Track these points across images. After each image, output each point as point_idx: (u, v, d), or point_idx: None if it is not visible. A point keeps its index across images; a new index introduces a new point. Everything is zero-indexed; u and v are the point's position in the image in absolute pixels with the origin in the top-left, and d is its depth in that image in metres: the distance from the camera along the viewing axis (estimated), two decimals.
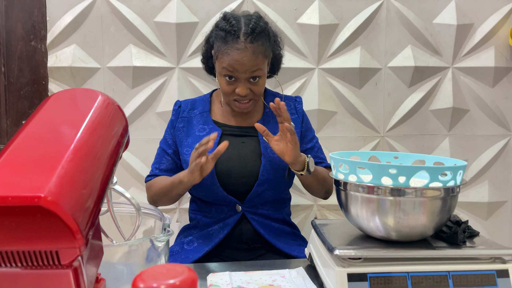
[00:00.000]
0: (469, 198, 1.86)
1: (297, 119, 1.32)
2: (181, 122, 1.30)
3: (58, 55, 1.68)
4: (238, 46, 1.14)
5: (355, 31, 1.74)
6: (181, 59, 1.72)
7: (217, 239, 1.20)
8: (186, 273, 0.38)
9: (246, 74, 1.16)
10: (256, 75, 1.17)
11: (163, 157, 1.31)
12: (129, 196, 0.74)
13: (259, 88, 1.20)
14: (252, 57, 1.14)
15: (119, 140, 0.64)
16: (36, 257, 0.48)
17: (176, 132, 1.30)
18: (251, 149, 1.24)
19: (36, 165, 0.50)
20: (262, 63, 1.18)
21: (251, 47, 1.14)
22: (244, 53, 1.13)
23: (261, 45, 1.16)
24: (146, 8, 1.68)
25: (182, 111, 1.31)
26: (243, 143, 1.25)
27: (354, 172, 0.84)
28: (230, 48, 1.14)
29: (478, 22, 1.78)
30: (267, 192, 1.22)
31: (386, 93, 1.79)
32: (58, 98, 0.64)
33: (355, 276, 0.79)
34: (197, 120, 1.29)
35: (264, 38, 1.18)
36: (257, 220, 1.22)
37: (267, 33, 1.20)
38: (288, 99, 1.35)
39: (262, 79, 1.20)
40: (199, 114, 1.30)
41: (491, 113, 1.83)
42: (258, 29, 1.16)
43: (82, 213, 0.49)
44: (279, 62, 1.34)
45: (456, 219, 0.89)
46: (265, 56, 1.19)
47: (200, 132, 1.27)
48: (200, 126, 1.28)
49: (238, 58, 1.13)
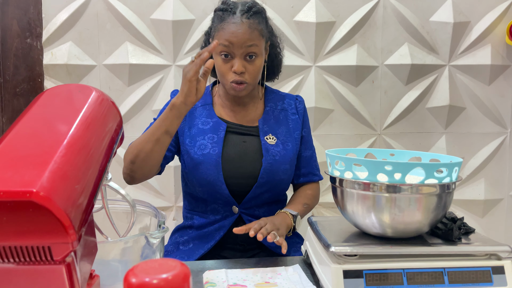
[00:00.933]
0: (465, 196, 1.86)
1: (297, 119, 1.29)
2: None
3: (54, 53, 1.67)
4: (234, 20, 1.14)
5: (352, 29, 1.74)
6: (178, 56, 1.72)
7: (213, 241, 1.19)
8: (178, 268, 0.38)
9: (242, 49, 1.13)
10: (251, 51, 1.14)
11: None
12: (124, 193, 0.73)
13: (254, 68, 1.16)
14: (247, 30, 1.13)
15: (113, 136, 0.63)
16: (28, 252, 0.48)
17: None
18: (252, 150, 1.21)
19: (28, 160, 0.50)
20: (258, 40, 1.15)
21: (247, 22, 1.14)
22: (239, 26, 1.13)
23: (258, 23, 1.16)
24: (142, 5, 1.68)
25: None
26: (244, 142, 1.22)
27: (350, 169, 0.84)
28: (226, 23, 1.14)
29: (475, 20, 1.79)
30: (265, 194, 1.21)
31: (382, 91, 1.79)
32: (51, 93, 0.63)
33: (350, 273, 0.79)
34: (200, 112, 1.25)
35: (261, 19, 1.18)
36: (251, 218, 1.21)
37: (264, 17, 1.20)
38: (288, 97, 1.33)
39: (259, 59, 1.17)
40: (201, 106, 1.26)
41: (487, 111, 1.83)
42: (254, 9, 1.16)
43: (75, 209, 0.49)
44: (279, 64, 1.32)
45: (452, 216, 0.89)
46: (261, 35, 1.17)
47: (203, 125, 1.23)
48: (204, 119, 1.24)
49: (234, 31, 1.12)
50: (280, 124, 1.27)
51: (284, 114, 1.29)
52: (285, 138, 1.25)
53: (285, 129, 1.26)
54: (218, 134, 1.21)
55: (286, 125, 1.27)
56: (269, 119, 1.26)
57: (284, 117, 1.28)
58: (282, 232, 1.06)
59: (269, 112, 1.28)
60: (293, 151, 1.25)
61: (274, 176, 1.19)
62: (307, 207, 1.25)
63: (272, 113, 1.28)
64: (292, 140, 1.25)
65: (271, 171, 1.18)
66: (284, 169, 1.21)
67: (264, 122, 1.25)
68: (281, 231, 1.06)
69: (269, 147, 1.21)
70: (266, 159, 1.19)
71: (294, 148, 1.25)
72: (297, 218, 1.16)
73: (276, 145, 1.22)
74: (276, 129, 1.25)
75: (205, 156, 1.17)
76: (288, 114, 1.29)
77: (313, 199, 1.29)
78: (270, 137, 1.23)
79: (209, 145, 1.19)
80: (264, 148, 1.20)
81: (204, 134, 1.21)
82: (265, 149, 1.20)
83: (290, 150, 1.24)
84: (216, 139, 1.20)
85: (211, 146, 1.19)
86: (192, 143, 1.21)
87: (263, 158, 1.19)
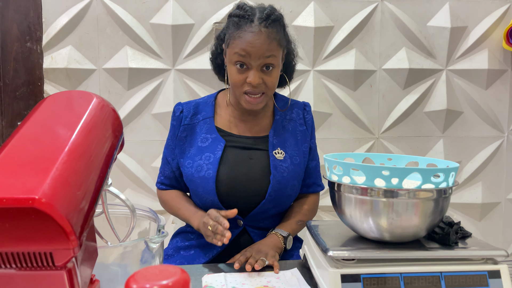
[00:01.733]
0: (463, 200, 1.87)
1: (305, 131, 1.24)
2: (183, 131, 1.20)
3: (54, 57, 1.68)
4: (252, 29, 1.06)
5: (350, 34, 1.75)
6: (177, 60, 1.73)
7: (215, 251, 1.16)
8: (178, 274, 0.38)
9: (260, 60, 1.07)
10: (269, 62, 1.08)
11: (166, 164, 1.26)
12: (124, 198, 0.74)
13: (272, 80, 1.10)
14: (266, 40, 1.06)
15: (113, 142, 0.64)
16: (30, 258, 0.48)
17: (179, 142, 1.21)
18: (260, 168, 1.15)
19: (30, 166, 0.51)
20: (277, 51, 1.09)
21: (266, 31, 1.06)
22: (258, 36, 1.06)
23: (276, 33, 1.09)
24: (142, 9, 1.69)
25: (184, 118, 1.21)
26: (250, 160, 1.16)
27: (348, 173, 0.85)
28: (243, 32, 1.07)
29: (472, 25, 1.80)
30: (272, 209, 1.18)
31: (380, 95, 1.80)
32: (53, 100, 0.64)
33: (348, 277, 0.79)
34: (200, 128, 1.20)
35: (279, 27, 1.11)
36: (257, 233, 1.19)
37: (282, 24, 1.13)
38: (297, 106, 1.27)
39: (276, 70, 1.11)
40: (202, 120, 1.21)
41: (485, 115, 1.84)
42: (273, 16, 1.09)
43: (76, 215, 0.50)
44: (292, 70, 1.26)
45: (449, 220, 0.90)
46: (280, 45, 1.10)
47: (202, 142, 1.18)
48: (203, 135, 1.19)
49: (252, 41, 1.05)
50: (289, 135, 1.22)
51: (293, 124, 1.24)
52: (293, 152, 1.20)
53: (293, 142, 1.21)
54: (215, 153, 1.16)
55: (294, 137, 1.22)
56: (278, 129, 1.21)
57: (293, 128, 1.23)
58: (271, 254, 1.03)
59: (279, 121, 1.22)
60: (301, 165, 1.21)
61: (282, 193, 1.16)
62: (301, 224, 1.21)
63: (281, 123, 1.23)
64: (300, 153, 1.21)
65: (279, 189, 1.15)
66: (292, 185, 1.18)
67: (274, 134, 1.20)
68: (270, 254, 1.03)
69: (278, 163, 1.16)
70: (274, 177, 1.14)
71: (302, 162, 1.21)
72: (288, 238, 1.13)
73: (285, 161, 1.17)
74: (285, 141, 1.20)
75: (201, 179, 1.14)
76: (296, 125, 1.24)
77: (309, 214, 1.25)
78: (278, 152, 1.18)
79: (205, 167, 1.14)
80: (272, 165, 1.15)
81: (201, 154, 1.16)
82: (273, 166, 1.15)
83: (298, 165, 1.19)
84: (212, 159, 1.14)
85: (207, 168, 1.14)
86: (191, 164, 1.17)
87: (272, 175, 1.14)
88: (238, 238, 1.18)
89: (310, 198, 1.28)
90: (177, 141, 1.21)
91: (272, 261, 0.99)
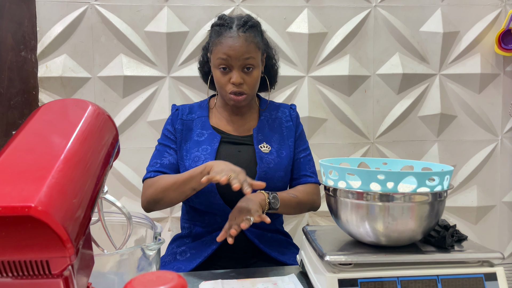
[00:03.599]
0: (458, 203, 1.88)
1: (291, 126, 1.34)
2: (180, 124, 1.29)
3: (49, 65, 1.68)
4: (231, 34, 1.19)
5: (344, 40, 1.76)
6: (172, 68, 1.73)
7: (210, 250, 1.19)
8: (175, 280, 0.39)
9: (240, 62, 1.19)
10: (249, 63, 1.20)
11: (164, 152, 1.27)
12: (120, 205, 0.74)
13: (252, 80, 1.22)
14: (244, 43, 1.18)
15: (109, 149, 0.64)
16: (26, 266, 0.48)
17: (177, 133, 1.29)
18: (247, 158, 1.23)
19: (26, 175, 0.51)
20: (255, 53, 1.21)
21: (244, 35, 1.19)
22: (236, 40, 1.18)
23: (254, 37, 1.21)
24: (136, 17, 1.69)
25: (181, 114, 1.31)
26: (239, 152, 1.25)
27: (344, 178, 0.85)
28: (224, 37, 1.20)
29: (464, 30, 1.82)
30: None
31: (375, 100, 1.82)
32: (48, 108, 0.64)
33: (345, 282, 0.79)
34: (196, 124, 1.30)
35: (256, 32, 1.23)
36: (251, 230, 1.21)
37: (259, 30, 1.26)
38: (283, 106, 1.38)
39: (256, 71, 1.23)
40: (197, 118, 1.31)
41: (478, 119, 1.86)
42: (250, 23, 1.22)
43: (73, 223, 0.49)
44: (275, 75, 1.38)
45: (444, 224, 0.90)
46: (258, 47, 1.22)
47: (198, 137, 1.27)
48: (199, 130, 1.28)
49: (231, 44, 1.18)
50: (274, 132, 1.30)
51: (279, 122, 1.33)
52: (279, 146, 1.28)
53: (279, 137, 1.30)
54: (212, 145, 1.24)
55: (280, 133, 1.31)
56: (263, 127, 1.30)
57: (278, 125, 1.32)
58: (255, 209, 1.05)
59: (264, 121, 1.32)
60: (288, 158, 1.27)
61: (269, 184, 1.18)
62: (294, 197, 1.22)
63: (266, 122, 1.32)
64: (286, 147, 1.29)
65: (266, 179, 1.18)
66: (279, 176, 1.23)
67: (259, 131, 1.29)
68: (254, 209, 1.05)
69: (263, 155, 1.24)
70: (260, 167, 1.21)
71: (289, 155, 1.28)
72: (273, 196, 1.14)
73: (270, 153, 1.25)
74: (270, 137, 1.28)
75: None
76: (282, 122, 1.33)
77: (304, 194, 1.25)
78: (264, 146, 1.26)
79: (202, 157, 1.22)
80: (258, 157, 1.23)
81: (198, 146, 1.24)
82: (259, 158, 1.23)
83: (285, 158, 1.26)
84: (210, 150, 1.23)
85: (204, 158, 1.21)
86: (187, 155, 1.24)
87: (257, 166, 1.22)
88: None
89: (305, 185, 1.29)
90: (175, 132, 1.28)
91: (257, 216, 1.02)
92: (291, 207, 1.21)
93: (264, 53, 1.29)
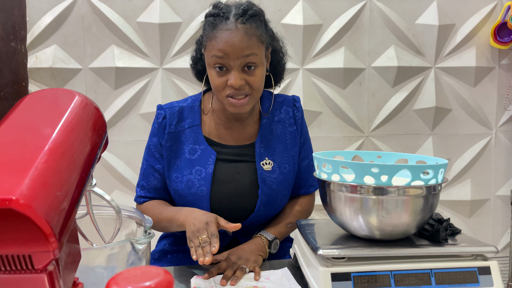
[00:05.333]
0: (452, 197, 1.88)
1: (295, 132, 1.17)
2: (168, 140, 1.12)
3: (38, 56, 1.65)
4: (228, 26, 0.98)
5: (339, 32, 1.75)
6: (165, 59, 1.71)
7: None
8: (161, 276, 0.37)
9: (239, 60, 0.99)
10: (250, 61, 1.00)
11: (150, 175, 1.14)
12: (109, 199, 0.72)
13: (255, 79, 1.01)
14: (244, 37, 0.98)
15: (96, 141, 0.62)
16: (8, 261, 0.46)
17: (164, 151, 1.12)
18: (248, 182, 1.09)
19: (8, 166, 0.49)
20: (257, 48, 1.00)
21: (243, 27, 0.98)
22: (235, 33, 0.97)
23: (256, 28, 1.00)
24: (128, 8, 1.67)
25: (168, 125, 1.12)
26: (238, 174, 1.10)
27: (337, 171, 0.84)
28: (219, 31, 0.99)
29: (460, 23, 1.81)
30: (262, 220, 1.15)
31: (370, 93, 1.80)
32: (33, 98, 0.62)
33: (339, 276, 0.79)
34: (186, 137, 1.12)
35: (259, 22, 1.03)
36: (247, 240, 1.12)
37: (262, 20, 1.05)
38: (286, 103, 1.18)
39: (259, 69, 1.02)
40: (188, 128, 1.12)
41: (473, 112, 1.85)
42: (250, 11, 1.01)
43: (57, 216, 0.48)
44: (282, 70, 1.17)
45: (438, 217, 0.89)
46: (261, 41, 1.02)
47: (191, 154, 1.10)
48: (191, 146, 1.11)
49: (228, 39, 0.97)
50: (278, 140, 1.15)
51: (282, 126, 1.16)
52: (282, 159, 1.14)
53: (282, 147, 1.15)
54: (206, 167, 1.09)
55: (283, 142, 1.16)
56: (265, 135, 1.14)
57: (281, 131, 1.16)
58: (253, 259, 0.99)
59: (266, 125, 1.15)
60: (291, 173, 1.15)
61: (271, 205, 1.12)
62: (291, 227, 1.15)
63: (269, 127, 1.15)
64: (290, 160, 1.15)
65: (269, 202, 1.11)
66: (282, 196, 1.13)
67: (261, 141, 1.13)
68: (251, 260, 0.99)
69: (265, 176, 1.10)
70: (263, 191, 1.09)
71: (292, 169, 1.15)
72: (274, 242, 1.08)
73: (273, 171, 1.11)
74: (273, 148, 1.14)
75: (193, 196, 1.08)
76: (285, 126, 1.17)
77: (301, 216, 1.19)
78: (266, 162, 1.11)
79: (196, 183, 1.08)
80: (260, 179, 1.09)
81: (191, 167, 1.09)
82: (261, 180, 1.09)
83: (287, 174, 1.14)
84: (204, 175, 1.08)
85: (199, 185, 1.08)
86: (179, 178, 1.10)
87: (260, 190, 1.09)
88: (228, 247, 1.15)
89: (302, 199, 1.22)
90: (162, 149, 1.13)
91: (253, 267, 0.96)
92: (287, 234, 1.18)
93: (269, 47, 1.09)
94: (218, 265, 0.97)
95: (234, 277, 0.91)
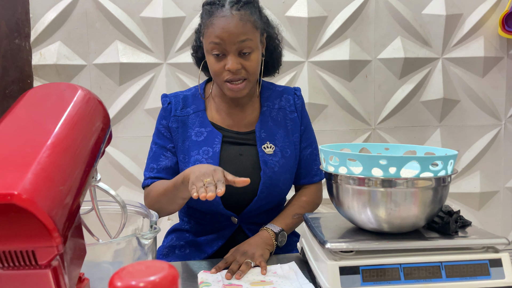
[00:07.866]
0: (461, 189, 1.86)
1: (295, 118, 1.20)
2: (174, 122, 1.16)
3: (43, 53, 1.65)
4: (224, 13, 1.04)
5: (344, 23, 1.72)
6: (169, 54, 1.70)
7: (210, 250, 1.14)
8: (166, 270, 0.36)
9: (235, 45, 1.04)
10: (245, 46, 1.05)
11: (161, 154, 1.16)
12: (114, 194, 0.72)
13: (251, 64, 1.07)
14: (239, 23, 1.03)
15: (100, 135, 0.62)
16: (12, 257, 0.46)
17: (172, 132, 1.16)
18: (250, 164, 1.12)
19: (11, 161, 0.48)
20: (252, 33, 1.06)
21: (238, 14, 1.04)
22: (230, 19, 1.03)
23: (250, 14, 1.06)
24: (131, 3, 1.66)
25: (174, 110, 1.17)
26: (240, 156, 1.13)
27: (345, 164, 0.83)
28: (215, 18, 1.04)
29: (467, 12, 1.78)
30: (265, 205, 1.16)
31: (376, 85, 1.78)
32: (35, 92, 0.61)
33: (347, 269, 0.77)
34: (192, 121, 1.16)
35: (253, 9, 1.08)
36: (252, 229, 1.15)
37: (256, 6, 1.10)
38: (286, 92, 1.23)
39: (255, 54, 1.08)
40: (193, 113, 1.17)
41: (482, 103, 1.83)
42: None
43: (60, 211, 0.47)
44: (279, 57, 1.22)
45: (448, 209, 0.88)
46: (255, 27, 1.07)
47: (197, 136, 1.14)
48: (197, 128, 1.15)
49: (224, 25, 1.03)
50: (278, 126, 1.18)
51: (283, 113, 1.20)
52: (284, 144, 1.17)
53: (283, 133, 1.18)
54: (213, 147, 1.12)
55: (284, 127, 1.19)
56: (266, 121, 1.18)
57: (282, 117, 1.20)
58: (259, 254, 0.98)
59: (266, 113, 1.19)
60: (293, 158, 1.17)
61: (274, 188, 1.13)
62: (297, 218, 1.15)
63: (269, 114, 1.19)
64: (291, 145, 1.18)
65: (271, 184, 1.12)
66: (284, 179, 1.15)
67: (262, 127, 1.16)
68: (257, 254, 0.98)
69: (267, 158, 1.13)
70: (265, 173, 1.11)
71: (293, 154, 1.18)
72: (280, 234, 1.08)
73: (275, 155, 1.14)
74: (274, 134, 1.16)
75: None
76: (286, 113, 1.20)
77: (307, 207, 1.20)
78: (267, 146, 1.15)
79: (204, 161, 1.10)
80: (262, 161, 1.12)
81: (198, 148, 1.12)
82: (263, 162, 1.12)
83: (289, 158, 1.16)
84: (211, 154, 1.11)
85: (206, 162, 1.10)
86: (187, 158, 1.13)
87: (262, 171, 1.11)
88: (234, 236, 1.15)
89: (308, 189, 1.23)
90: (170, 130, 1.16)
91: (259, 262, 0.95)
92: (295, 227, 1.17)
93: (264, 33, 1.14)
94: (225, 259, 0.97)
95: (239, 271, 0.91)
